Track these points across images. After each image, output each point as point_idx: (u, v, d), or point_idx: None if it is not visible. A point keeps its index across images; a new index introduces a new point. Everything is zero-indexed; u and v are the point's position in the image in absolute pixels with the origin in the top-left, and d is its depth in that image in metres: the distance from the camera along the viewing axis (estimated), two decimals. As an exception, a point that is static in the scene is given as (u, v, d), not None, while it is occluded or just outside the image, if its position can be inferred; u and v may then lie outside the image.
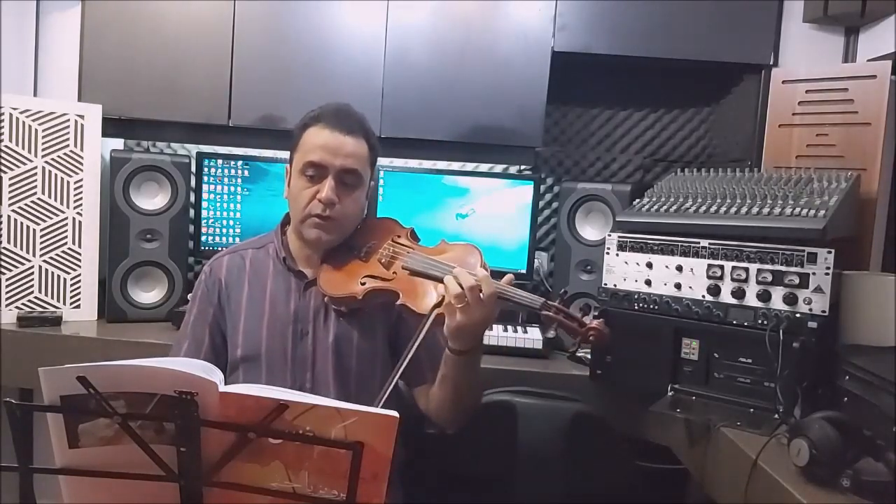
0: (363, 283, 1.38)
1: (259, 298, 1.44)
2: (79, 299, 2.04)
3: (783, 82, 1.91)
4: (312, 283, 1.44)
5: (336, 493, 0.95)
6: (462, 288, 1.23)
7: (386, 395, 1.25)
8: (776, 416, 1.38)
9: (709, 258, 1.54)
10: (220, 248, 2.05)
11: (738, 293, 1.49)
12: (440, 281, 1.31)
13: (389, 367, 1.47)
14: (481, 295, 1.23)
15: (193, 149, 2.28)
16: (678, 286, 1.58)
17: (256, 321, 1.42)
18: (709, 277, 1.53)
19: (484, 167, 2.36)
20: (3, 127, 1.92)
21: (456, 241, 1.43)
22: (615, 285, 1.67)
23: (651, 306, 1.61)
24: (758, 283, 1.47)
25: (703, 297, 1.54)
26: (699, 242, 1.56)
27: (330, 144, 1.38)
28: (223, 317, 1.45)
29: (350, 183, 1.40)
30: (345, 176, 1.39)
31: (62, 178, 1.99)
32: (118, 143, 2.29)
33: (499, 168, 2.34)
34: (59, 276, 2.01)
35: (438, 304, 1.27)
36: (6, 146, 1.93)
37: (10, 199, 1.94)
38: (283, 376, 1.39)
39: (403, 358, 1.27)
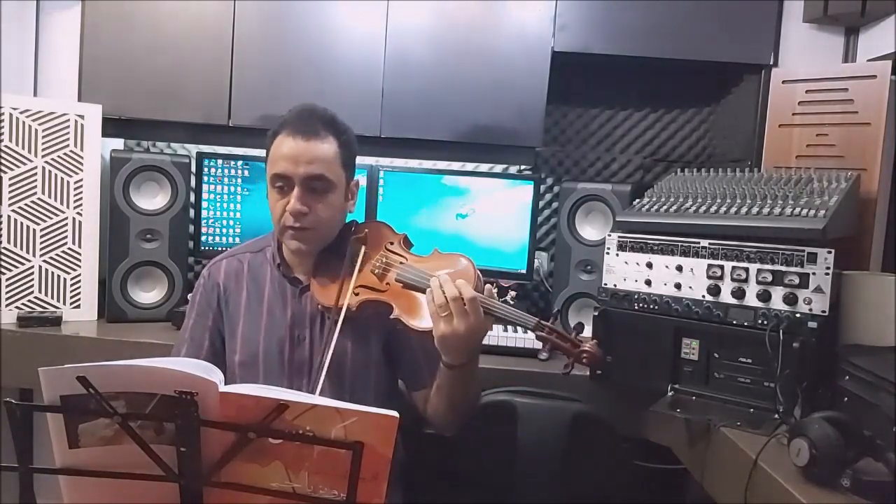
0: (356, 294, 1.37)
1: (257, 304, 1.44)
2: (79, 299, 2.04)
3: (783, 82, 1.91)
4: (307, 288, 1.43)
5: (336, 493, 0.95)
6: (445, 298, 1.22)
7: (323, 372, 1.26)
8: (776, 416, 1.38)
9: (709, 258, 1.54)
10: (220, 249, 2.06)
11: (738, 293, 1.49)
12: None
13: (385, 374, 1.46)
14: (465, 306, 1.22)
15: (193, 149, 2.28)
16: (678, 286, 1.58)
17: (254, 326, 1.42)
18: (709, 277, 1.53)
19: (484, 167, 2.36)
20: (3, 127, 1.92)
21: (448, 252, 1.41)
22: (615, 285, 1.67)
23: (651, 306, 1.61)
24: (758, 283, 1.47)
25: (703, 297, 1.54)
26: (699, 242, 1.56)
27: (292, 153, 1.34)
28: (222, 321, 1.45)
29: (319, 188, 1.36)
30: (312, 182, 1.35)
31: (62, 178, 1.99)
32: (118, 143, 2.29)
33: (499, 168, 2.34)
34: (59, 276, 2.01)
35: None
36: (6, 146, 1.92)
37: (10, 199, 1.94)
38: (279, 382, 1.38)
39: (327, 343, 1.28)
